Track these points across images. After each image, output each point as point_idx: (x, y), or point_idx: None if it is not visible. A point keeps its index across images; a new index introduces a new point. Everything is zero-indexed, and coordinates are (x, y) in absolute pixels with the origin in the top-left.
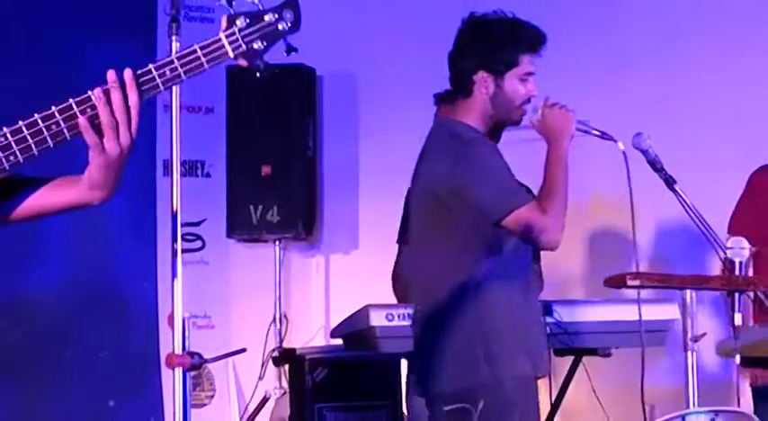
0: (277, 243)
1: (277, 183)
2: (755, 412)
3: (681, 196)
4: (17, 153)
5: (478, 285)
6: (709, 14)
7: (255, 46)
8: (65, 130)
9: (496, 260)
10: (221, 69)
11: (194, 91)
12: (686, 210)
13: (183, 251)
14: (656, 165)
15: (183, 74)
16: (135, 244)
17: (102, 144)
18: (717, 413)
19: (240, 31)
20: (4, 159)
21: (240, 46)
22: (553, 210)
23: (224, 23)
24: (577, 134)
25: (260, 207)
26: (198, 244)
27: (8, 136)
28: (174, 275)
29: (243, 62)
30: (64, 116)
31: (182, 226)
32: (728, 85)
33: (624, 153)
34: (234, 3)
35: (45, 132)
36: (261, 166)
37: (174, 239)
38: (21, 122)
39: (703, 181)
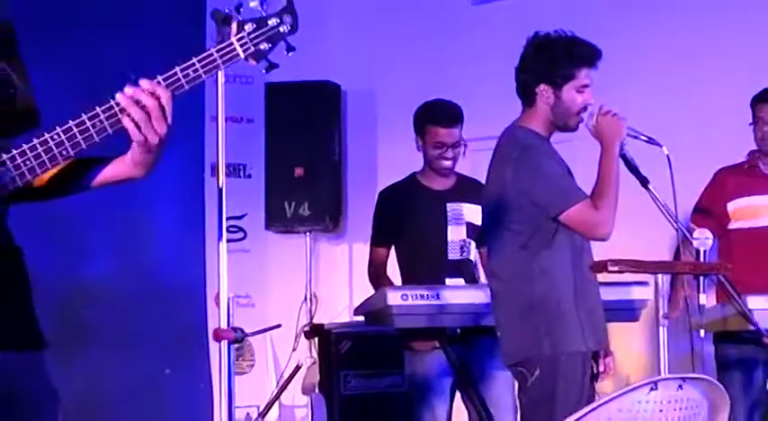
0: (308, 234)
1: (307, 183)
2: (718, 379)
3: (653, 194)
4: (68, 148)
5: (543, 271)
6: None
7: (262, 47)
8: (107, 126)
9: (558, 248)
10: (260, 86)
11: (237, 104)
12: (658, 206)
13: (228, 241)
14: (632, 167)
15: (203, 74)
16: (187, 235)
17: (141, 134)
18: (684, 379)
19: (249, 34)
20: (58, 154)
21: (249, 48)
22: (604, 206)
23: (234, 29)
24: (627, 139)
25: (293, 203)
26: (240, 235)
27: (60, 134)
28: (219, 261)
29: (252, 61)
30: (106, 114)
31: (226, 219)
32: (696, 102)
33: (668, 156)
34: (242, 10)
35: (91, 129)
36: (294, 169)
37: (220, 231)
38: (70, 121)
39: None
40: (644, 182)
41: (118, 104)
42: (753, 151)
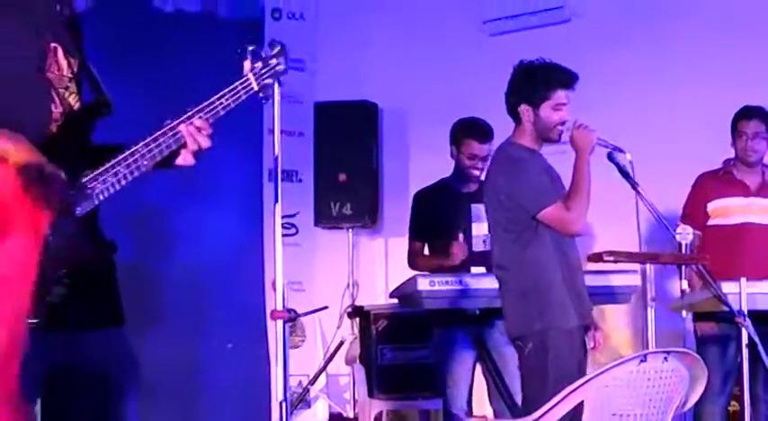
0: (349, 230)
1: (349, 187)
2: (697, 353)
3: (641, 195)
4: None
5: (534, 260)
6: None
7: (267, 82)
8: (172, 144)
9: (545, 240)
10: (310, 105)
11: (290, 120)
12: (646, 205)
13: (283, 236)
14: (623, 173)
15: (231, 102)
16: (248, 230)
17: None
18: (668, 353)
19: (260, 70)
20: (133, 165)
21: (260, 82)
22: (575, 207)
23: (247, 66)
24: (598, 147)
25: (337, 204)
26: (293, 230)
27: (141, 148)
28: (275, 253)
29: (261, 94)
30: (173, 134)
31: (281, 217)
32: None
33: (631, 162)
34: (249, 49)
35: (156, 147)
36: (338, 174)
37: (276, 227)
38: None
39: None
40: (633, 185)
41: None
42: (727, 160)
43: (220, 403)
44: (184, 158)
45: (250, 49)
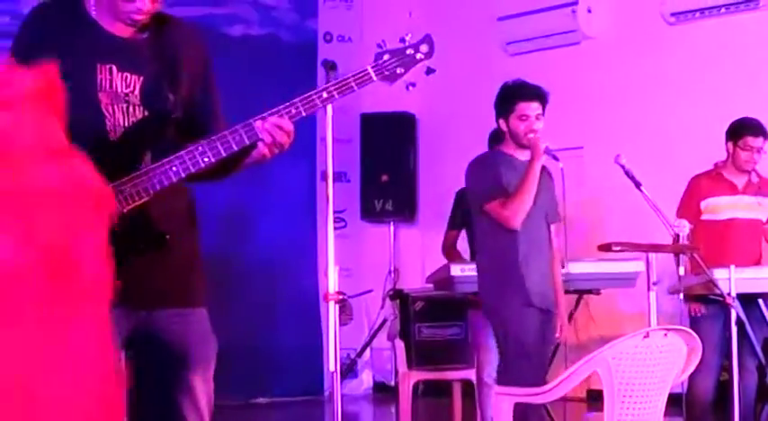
0: (391, 223)
1: (391, 186)
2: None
3: (644, 193)
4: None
5: (497, 246)
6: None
7: (398, 71)
8: (245, 138)
9: (509, 231)
10: (357, 116)
11: (340, 129)
12: (647, 202)
13: (333, 228)
14: (628, 174)
15: (337, 95)
16: (303, 223)
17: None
18: (668, 330)
19: (384, 62)
20: (189, 161)
21: (382, 72)
22: (511, 206)
23: (374, 59)
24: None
25: (380, 201)
26: (342, 224)
27: (205, 146)
28: (328, 243)
29: (387, 82)
30: (246, 130)
31: (332, 213)
32: (679, 124)
33: (562, 169)
34: (386, 43)
35: (233, 140)
36: (381, 176)
37: (329, 221)
38: (214, 137)
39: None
40: (637, 185)
41: (255, 126)
42: (718, 162)
43: (280, 372)
44: (260, 150)
45: (382, 47)
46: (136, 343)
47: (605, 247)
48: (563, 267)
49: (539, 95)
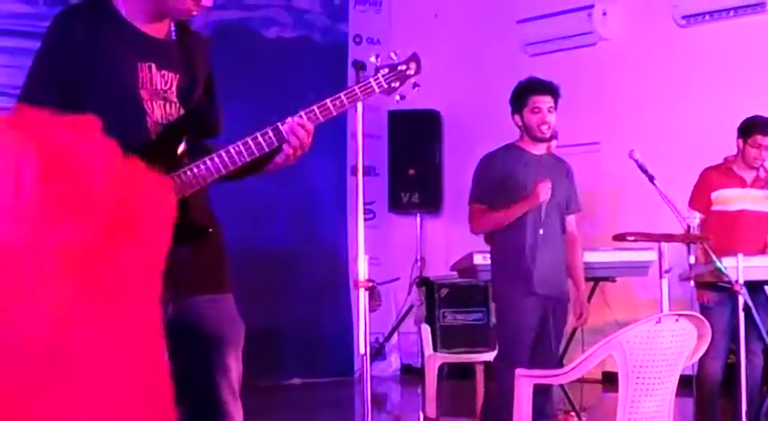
0: (417, 215)
1: (417, 180)
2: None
3: (657, 186)
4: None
5: (505, 236)
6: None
7: (393, 85)
8: (274, 140)
9: (516, 225)
10: (385, 113)
11: (369, 125)
12: (660, 194)
13: (363, 220)
14: (642, 168)
15: (347, 103)
16: (334, 215)
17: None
18: (679, 315)
19: (383, 76)
20: (228, 160)
21: (382, 85)
22: (483, 220)
23: (373, 72)
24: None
25: (407, 193)
26: (371, 215)
27: (240, 146)
28: (358, 233)
29: (384, 94)
30: (274, 132)
31: (363, 205)
32: (692, 115)
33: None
34: (379, 58)
35: (264, 141)
36: (408, 170)
37: (359, 212)
38: (248, 138)
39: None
40: (650, 178)
41: (282, 130)
42: (727, 157)
43: (313, 355)
44: (285, 153)
45: (372, 58)
46: (173, 328)
47: (620, 237)
48: None
49: (550, 90)
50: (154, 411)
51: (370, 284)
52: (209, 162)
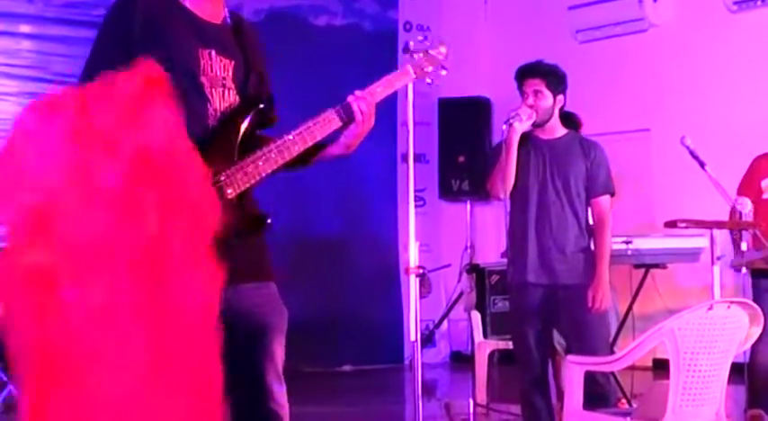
0: (467, 202)
1: (467, 167)
2: (754, 301)
3: (708, 173)
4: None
5: (511, 221)
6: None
7: (427, 69)
8: (342, 114)
9: (519, 205)
10: (435, 100)
11: (419, 112)
12: (711, 181)
13: (414, 207)
14: (693, 155)
15: (389, 89)
16: (385, 202)
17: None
18: (731, 302)
19: (418, 61)
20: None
21: (418, 69)
22: (489, 178)
23: (408, 58)
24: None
25: (458, 180)
26: (421, 202)
27: (302, 130)
28: (409, 221)
29: (420, 79)
30: (344, 108)
31: (413, 192)
32: (742, 107)
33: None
34: (412, 44)
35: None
36: (458, 157)
37: (409, 199)
38: (308, 122)
39: (726, 162)
40: (701, 165)
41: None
42: None
43: (364, 342)
44: (354, 128)
45: (412, 42)
46: (222, 316)
47: (671, 224)
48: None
49: (535, 72)
50: (203, 404)
51: (421, 271)
52: (268, 153)
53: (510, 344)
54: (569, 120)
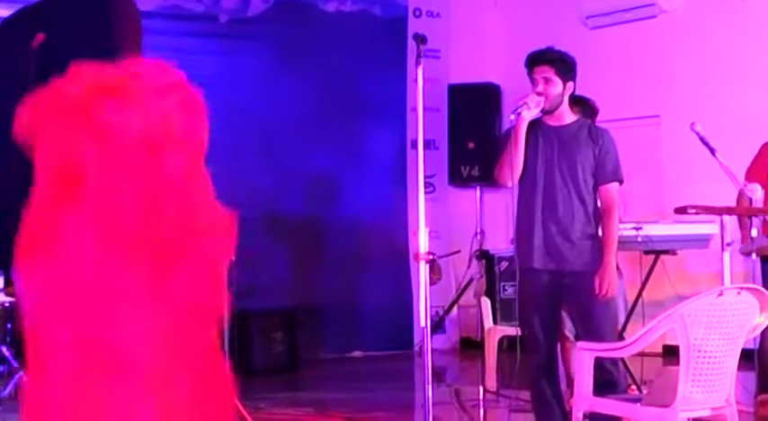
0: (477, 188)
1: (477, 153)
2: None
3: (718, 159)
4: None
5: (517, 206)
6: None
7: None
8: None
9: (524, 190)
10: (445, 86)
11: (429, 98)
12: (722, 168)
13: (424, 193)
14: (703, 141)
15: None
16: (394, 188)
17: None
18: (741, 288)
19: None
20: None
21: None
22: (496, 165)
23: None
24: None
25: (467, 167)
26: (431, 189)
27: None
28: (418, 207)
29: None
30: None
31: (423, 178)
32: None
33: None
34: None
35: None
36: (468, 143)
37: (417, 186)
38: None
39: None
40: (712, 151)
41: None
42: None
43: (374, 328)
44: None
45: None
46: None
47: (681, 210)
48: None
49: (543, 59)
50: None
51: (431, 257)
52: None
53: (519, 331)
54: (586, 106)
